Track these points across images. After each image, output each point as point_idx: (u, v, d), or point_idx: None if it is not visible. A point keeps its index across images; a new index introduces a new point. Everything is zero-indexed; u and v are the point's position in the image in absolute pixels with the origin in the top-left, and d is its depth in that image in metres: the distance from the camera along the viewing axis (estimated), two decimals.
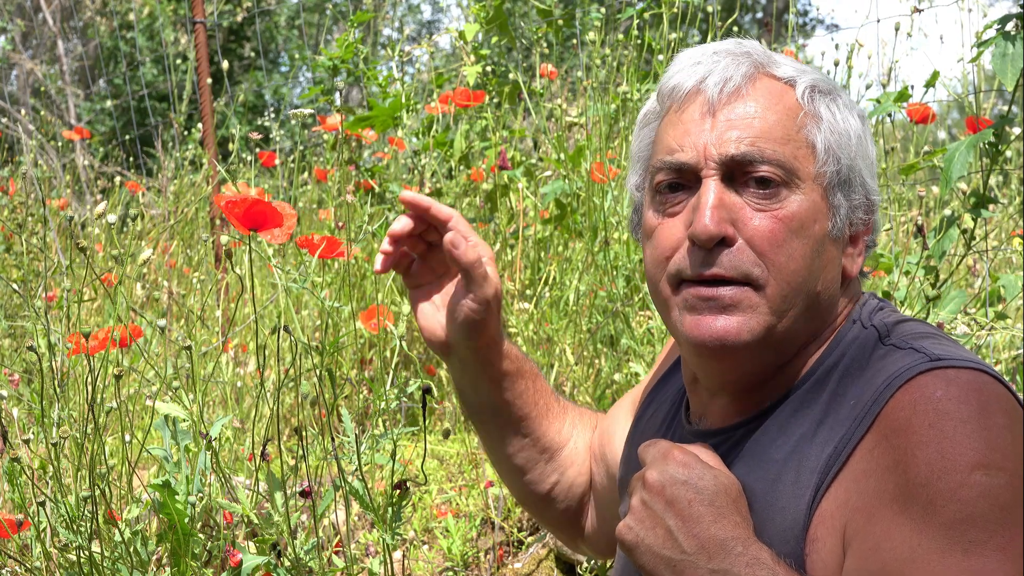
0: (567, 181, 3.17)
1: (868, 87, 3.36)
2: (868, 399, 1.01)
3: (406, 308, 1.99)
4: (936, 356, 1.01)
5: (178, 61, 7.36)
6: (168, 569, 1.93)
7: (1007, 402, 0.98)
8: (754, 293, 1.07)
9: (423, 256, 1.32)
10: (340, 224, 3.20)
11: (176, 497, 1.83)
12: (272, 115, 6.85)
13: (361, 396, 2.82)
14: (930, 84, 2.40)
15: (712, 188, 1.08)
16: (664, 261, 1.12)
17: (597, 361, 3.01)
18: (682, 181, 1.12)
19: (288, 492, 1.81)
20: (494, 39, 3.50)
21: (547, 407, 1.41)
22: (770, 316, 1.08)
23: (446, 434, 2.35)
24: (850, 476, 1.00)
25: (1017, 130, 2.15)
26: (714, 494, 1.03)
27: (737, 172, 1.09)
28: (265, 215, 1.51)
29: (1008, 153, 3.18)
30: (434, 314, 1.32)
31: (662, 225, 1.13)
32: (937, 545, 0.91)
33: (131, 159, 6.84)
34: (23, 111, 8.21)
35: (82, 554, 1.78)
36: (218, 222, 4.08)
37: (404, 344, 1.95)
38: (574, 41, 4.31)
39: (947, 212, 2.20)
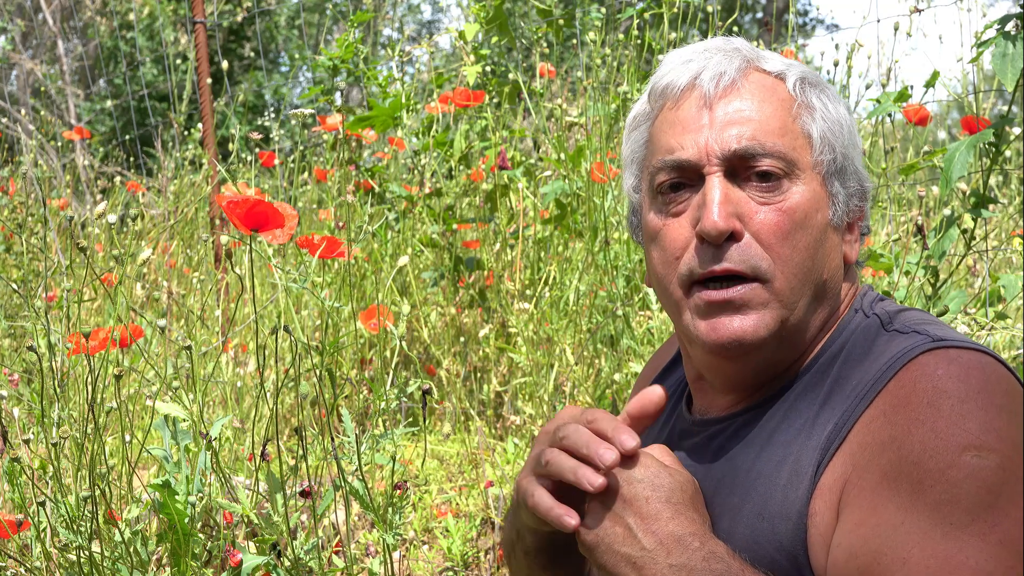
0: (567, 181, 3.17)
1: (868, 87, 3.36)
2: (871, 378, 1.03)
3: (406, 308, 1.98)
4: (938, 337, 1.02)
5: (178, 61, 7.36)
6: (168, 569, 1.93)
7: (1008, 383, 0.99)
8: (762, 288, 1.08)
9: None
10: (340, 224, 3.20)
11: (176, 497, 1.83)
12: (272, 115, 6.86)
13: (361, 396, 2.82)
14: (930, 84, 2.40)
15: (717, 184, 1.09)
16: (674, 262, 1.12)
17: (597, 361, 3.01)
18: (684, 179, 1.12)
19: (288, 492, 1.81)
20: (494, 39, 3.50)
21: None
22: (781, 309, 1.09)
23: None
24: (848, 450, 1.01)
25: (1017, 130, 2.15)
26: (671, 491, 1.04)
27: (739, 167, 1.09)
28: (266, 216, 1.51)
29: (1008, 153, 3.17)
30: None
31: (667, 226, 1.13)
32: (919, 525, 0.92)
33: (131, 159, 6.84)
34: (23, 111, 8.21)
35: (82, 554, 1.78)
36: (218, 222, 4.08)
37: (404, 344, 1.95)
38: (574, 41, 4.31)
39: (947, 212, 2.20)
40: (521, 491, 1.10)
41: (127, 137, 7.32)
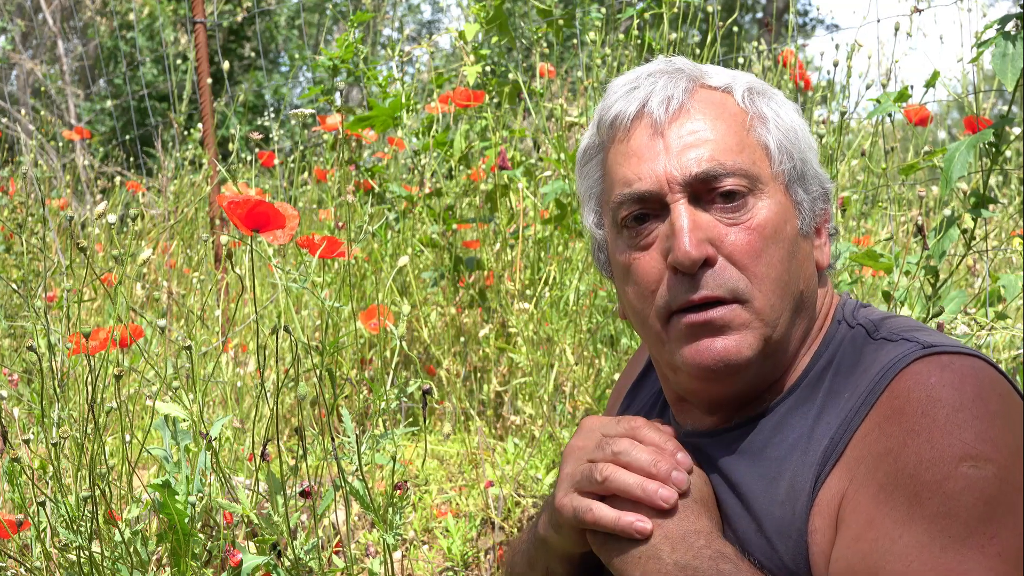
0: (567, 181, 3.17)
1: (868, 87, 3.35)
2: (864, 390, 1.02)
3: (406, 308, 1.98)
4: (929, 344, 1.01)
5: (178, 61, 7.35)
6: (168, 569, 1.93)
7: (1002, 387, 0.98)
8: (742, 309, 1.06)
9: None
10: (340, 224, 3.19)
11: (176, 497, 1.83)
12: (272, 115, 6.85)
13: (361, 396, 2.82)
14: (930, 84, 2.40)
15: (683, 212, 1.06)
16: (650, 295, 1.10)
17: (597, 361, 3.01)
18: (647, 210, 1.10)
19: (288, 492, 1.81)
20: (494, 39, 3.50)
21: None
22: (764, 327, 1.07)
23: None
24: (845, 465, 1.00)
25: (1017, 130, 2.15)
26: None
27: (702, 190, 1.07)
28: (268, 216, 1.51)
29: (1008, 153, 3.17)
30: None
31: (637, 260, 1.11)
32: (917, 539, 0.91)
33: (131, 159, 6.84)
34: (23, 111, 8.21)
35: (82, 554, 1.77)
36: (218, 222, 4.08)
37: (404, 344, 1.95)
38: (574, 41, 4.31)
39: (947, 212, 2.20)
40: (567, 510, 1.08)
41: (127, 137, 7.32)
